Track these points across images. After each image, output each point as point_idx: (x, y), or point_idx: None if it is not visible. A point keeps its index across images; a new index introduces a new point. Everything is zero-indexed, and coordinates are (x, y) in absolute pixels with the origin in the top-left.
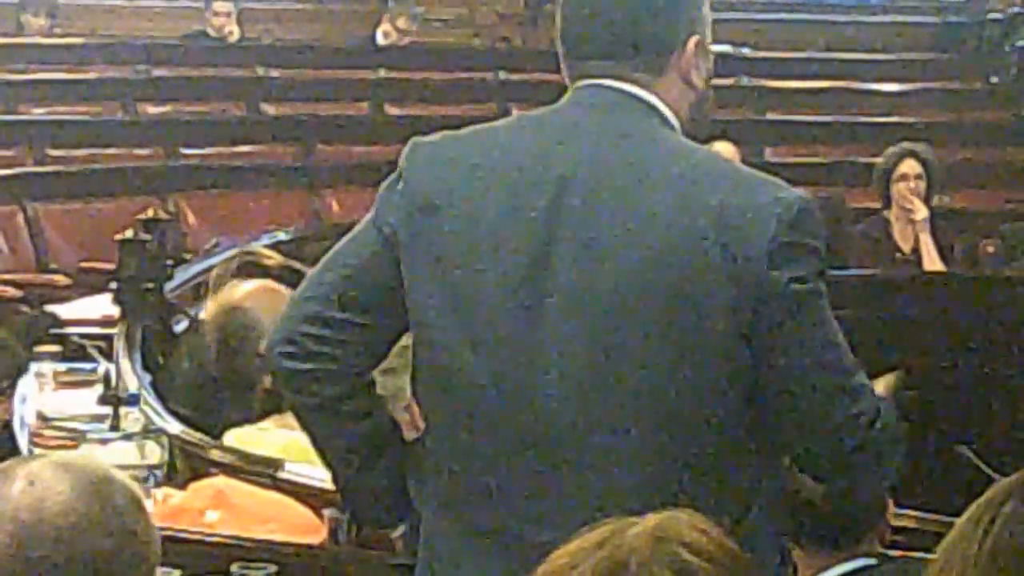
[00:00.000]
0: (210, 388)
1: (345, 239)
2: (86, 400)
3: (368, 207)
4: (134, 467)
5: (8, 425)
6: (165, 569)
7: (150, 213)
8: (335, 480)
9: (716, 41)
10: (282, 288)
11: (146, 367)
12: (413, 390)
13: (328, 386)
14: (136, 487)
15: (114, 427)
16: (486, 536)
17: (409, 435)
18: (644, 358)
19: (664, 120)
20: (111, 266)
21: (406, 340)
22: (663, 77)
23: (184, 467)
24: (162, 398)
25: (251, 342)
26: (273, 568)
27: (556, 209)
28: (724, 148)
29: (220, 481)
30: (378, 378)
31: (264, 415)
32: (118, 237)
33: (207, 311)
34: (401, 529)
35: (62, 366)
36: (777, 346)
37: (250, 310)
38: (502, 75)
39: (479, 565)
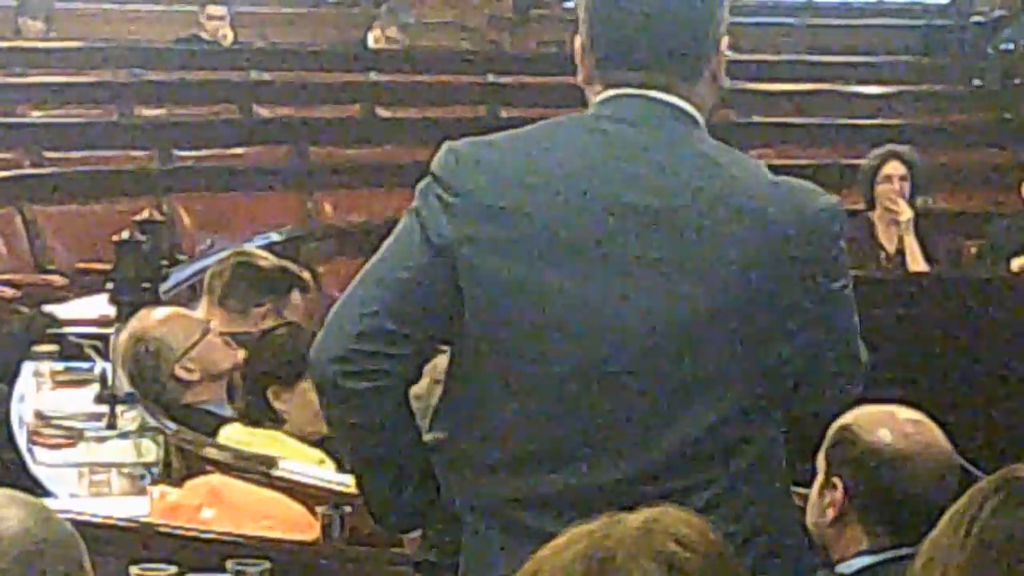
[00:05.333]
0: None
1: (386, 251)
2: (83, 399)
3: (361, 208)
4: (130, 465)
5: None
6: (161, 566)
7: (145, 214)
8: (364, 489)
9: None
10: (190, 313)
11: None
12: (448, 395)
13: (382, 402)
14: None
15: (111, 425)
16: (538, 538)
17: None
18: (717, 373)
19: (698, 125)
20: (107, 267)
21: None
22: (698, 81)
23: (180, 465)
24: None
25: (163, 367)
26: (267, 564)
27: (624, 225)
28: None
29: (215, 478)
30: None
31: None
32: (114, 238)
33: (119, 340)
34: (419, 531)
35: (59, 365)
36: (816, 336)
37: (158, 336)
38: (491, 78)
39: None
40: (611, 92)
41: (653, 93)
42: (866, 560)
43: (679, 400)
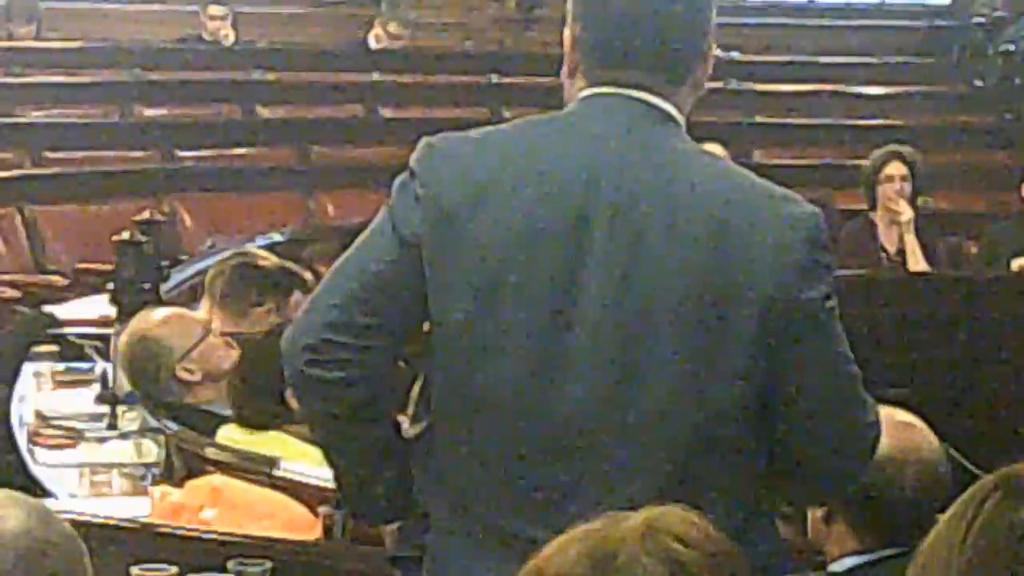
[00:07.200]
0: None
1: (360, 243)
2: (84, 399)
3: (362, 208)
4: (131, 465)
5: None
6: (162, 566)
7: (146, 215)
8: (339, 480)
9: None
10: (191, 314)
11: None
12: (425, 390)
13: (351, 392)
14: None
15: (111, 426)
16: (498, 537)
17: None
18: (668, 375)
19: (679, 127)
20: (108, 267)
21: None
22: (683, 85)
23: (181, 465)
24: None
25: (164, 367)
26: (269, 564)
27: (584, 224)
28: (714, 149)
29: (216, 479)
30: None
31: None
32: (115, 238)
33: (120, 341)
34: (397, 524)
35: (60, 366)
36: (797, 361)
37: (159, 337)
38: (495, 78)
39: (489, 565)
40: (593, 90)
41: (635, 93)
42: (856, 559)
43: (634, 391)
